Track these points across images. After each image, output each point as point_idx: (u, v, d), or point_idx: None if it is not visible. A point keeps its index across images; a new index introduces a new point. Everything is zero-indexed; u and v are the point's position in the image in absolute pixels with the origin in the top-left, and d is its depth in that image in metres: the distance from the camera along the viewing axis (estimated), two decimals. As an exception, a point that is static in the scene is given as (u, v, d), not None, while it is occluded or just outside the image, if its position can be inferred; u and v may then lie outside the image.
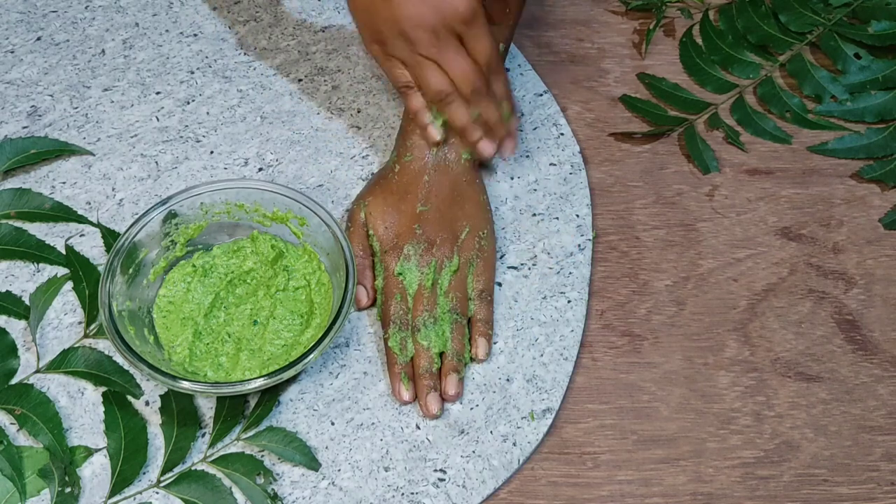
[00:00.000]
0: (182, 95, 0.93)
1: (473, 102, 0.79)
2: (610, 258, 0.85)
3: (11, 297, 0.80)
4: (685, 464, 0.75)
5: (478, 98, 0.78)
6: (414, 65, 0.78)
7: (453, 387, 0.76)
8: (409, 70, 0.79)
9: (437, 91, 0.78)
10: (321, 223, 0.78)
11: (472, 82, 0.77)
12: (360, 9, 0.80)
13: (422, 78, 0.78)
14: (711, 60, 0.96)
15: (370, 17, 0.79)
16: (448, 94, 0.78)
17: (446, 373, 0.76)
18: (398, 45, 0.78)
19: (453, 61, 0.77)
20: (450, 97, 0.78)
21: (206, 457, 0.74)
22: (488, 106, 0.79)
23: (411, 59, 0.78)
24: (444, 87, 0.78)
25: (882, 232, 0.87)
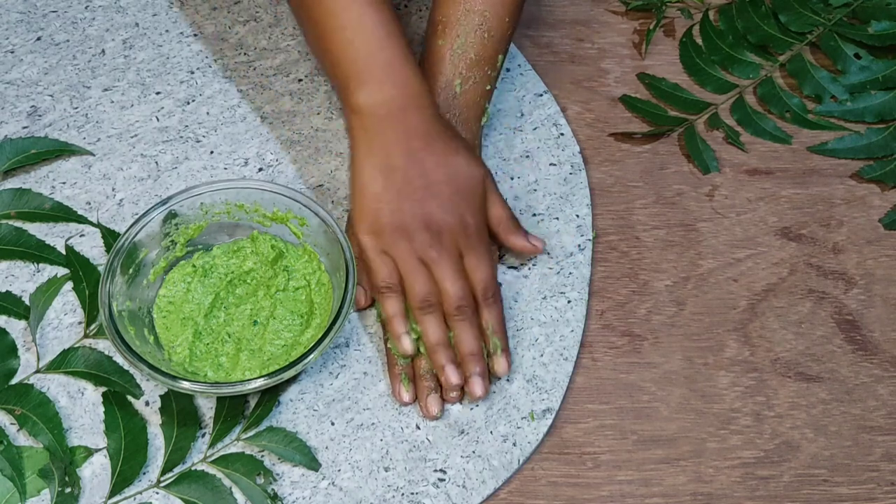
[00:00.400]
0: (182, 95, 0.93)
1: (453, 322, 0.75)
2: (610, 258, 0.85)
3: (11, 297, 0.80)
4: (685, 464, 0.75)
5: (460, 319, 0.75)
6: (406, 265, 0.76)
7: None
8: (401, 269, 0.76)
9: (422, 298, 0.75)
10: (321, 223, 0.78)
11: (460, 299, 0.75)
12: (366, 197, 0.77)
13: (410, 280, 0.75)
14: (711, 60, 0.96)
15: (374, 208, 0.76)
16: (431, 304, 0.75)
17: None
18: (397, 241, 0.76)
19: (448, 272, 0.75)
20: (431, 308, 0.75)
21: (206, 457, 0.74)
22: (466, 332, 0.75)
23: (405, 259, 0.76)
24: (429, 296, 0.75)
25: (882, 232, 0.87)
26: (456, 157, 0.78)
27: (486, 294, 0.76)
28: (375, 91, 0.77)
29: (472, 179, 0.78)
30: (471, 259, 0.76)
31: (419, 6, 0.99)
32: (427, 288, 0.75)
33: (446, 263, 0.75)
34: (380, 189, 0.76)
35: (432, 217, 0.76)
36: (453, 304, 0.75)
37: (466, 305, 0.75)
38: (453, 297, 0.75)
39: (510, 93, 0.93)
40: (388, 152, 0.77)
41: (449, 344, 0.76)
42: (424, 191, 0.76)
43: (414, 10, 0.99)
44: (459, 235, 0.76)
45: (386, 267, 0.76)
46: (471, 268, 0.76)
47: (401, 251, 0.76)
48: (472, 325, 0.76)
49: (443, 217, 0.76)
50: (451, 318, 0.76)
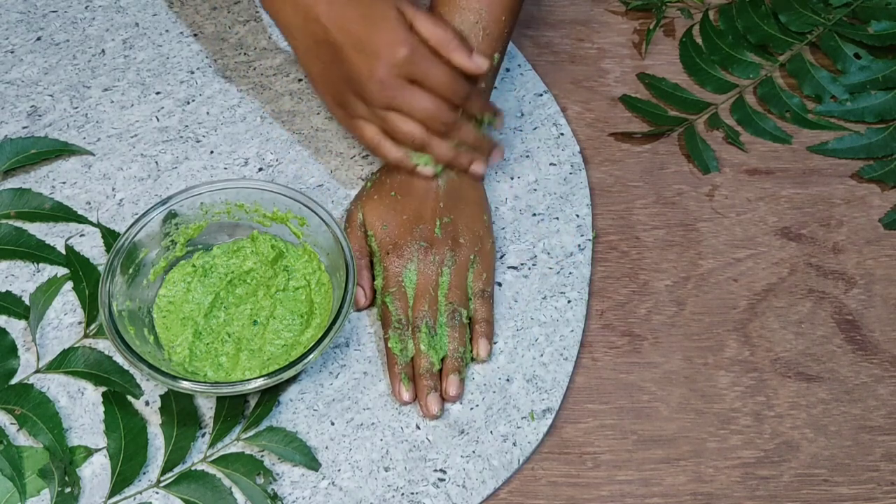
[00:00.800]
0: (182, 95, 0.93)
1: (450, 134, 0.79)
2: (610, 258, 0.85)
3: (11, 297, 0.80)
4: (685, 464, 0.75)
5: (451, 127, 0.79)
6: (377, 119, 0.79)
7: (455, 387, 0.76)
8: (378, 124, 0.79)
9: (409, 137, 0.79)
10: (321, 223, 0.78)
11: (439, 117, 0.78)
12: (317, 80, 0.81)
13: (390, 129, 0.79)
14: (711, 60, 0.96)
15: (327, 85, 0.80)
16: (422, 136, 0.78)
17: (447, 373, 0.76)
18: (356, 104, 0.79)
19: (413, 104, 0.77)
20: (424, 139, 0.79)
21: (206, 457, 0.74)
22: (465, 130, 0.80)
23: (372, 115, 0.79)
24: (414, 132, 0.78)
25: (882, 232, 0.87)
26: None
27: (454, 91, 0.78)
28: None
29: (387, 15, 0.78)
30: (421, 77, 0.77)
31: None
32: (406, 126, 0.79)
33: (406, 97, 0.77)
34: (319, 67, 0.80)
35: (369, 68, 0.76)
36: (440, 123, 0.78)
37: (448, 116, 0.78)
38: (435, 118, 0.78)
39: (510, 93, 0.93)
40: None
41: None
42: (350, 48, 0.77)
43: (414, 10, 0.99)
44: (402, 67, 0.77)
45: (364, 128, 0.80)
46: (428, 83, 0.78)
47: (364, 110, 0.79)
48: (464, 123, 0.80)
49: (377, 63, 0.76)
50: (446, 135, 0.80)
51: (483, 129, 0.83)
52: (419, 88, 0.78)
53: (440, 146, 0.80)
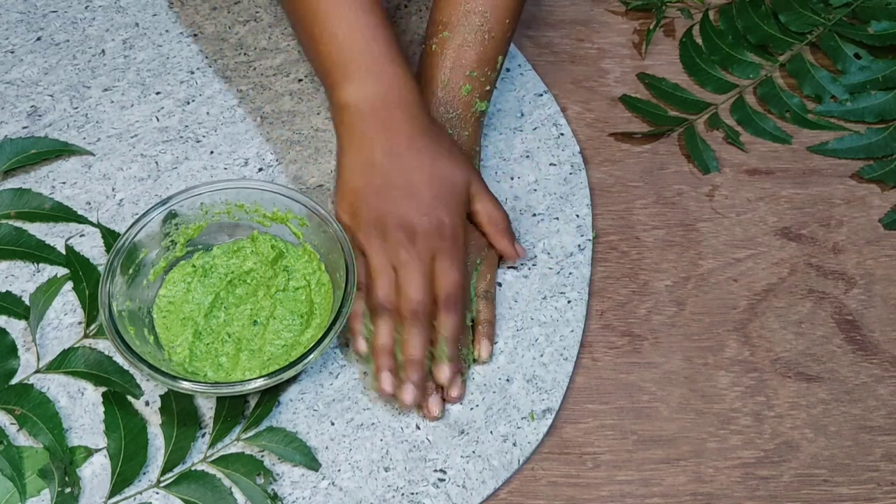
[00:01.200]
0: (182, 95, 0.93)
1: (404, 327, 0.74)
2: (610, 258, 0.85)
3: (11, 297, 0.80)
4: (685, 464, 0.75)
5: (411, 326, 0.74)
6: (376, 264, 0.76)
7: (456, 389, 0.76)
8: (369, 266, 0.76)
9: (381, 301, 0.75)
10: (321, 223, 0.78)
11: (417, 304, 0.74)
12: (348, 192, 0.77)
13: (376, 279, 0.76)
14: (711, 60, 0.96)
15: (353, 202, 0.77)
16: (386, 309, 0.75)
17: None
18: (371, 237, 0.76)
19: (412, 279, 0.75)
20: (386, 312, 0.75)
21: (206, 457, 0.74)
22: (415, 338, 0.74)
23: (377, 257, 0.76)
24: (387, 300, 0.75)
25: (882, 232, 0.87)
26: (439, 159, 0.77)
27: (447, 300, 0.75)
28: (360, 87, 0.78)
29: (454, 183, 0.78)
30: (441, 263, 0.76)
31: (419, 6, 0.99)
32: (386, 291, 0.75)
33: (414, 267, 0.75)
34: (360, 186, 0.77)
35: (408, 218, 0.76)
36: (408, 308, 0.75)
37: (421, 313, 0.75)
38: (410, 301, 0.74)
39: (510, 93, 0.93)
40: (370, 149, 0.77)
41: (393, 351, 0.75)
42: (403, 191, 0.76)
43: (414, 11, 0.99)
44: (433, 238, 0.76)
45: (358, 264, 0.77)
46: (439, 272, 0.76)
47: (372, 249, 0.76)
48: (423, 332, 0.75)
49: (419, 219, 0.76)
50: (404, 320, 0.75)
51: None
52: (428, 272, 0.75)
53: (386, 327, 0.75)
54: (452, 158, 0.78)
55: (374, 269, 0.76)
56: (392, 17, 0.98)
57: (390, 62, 0.78)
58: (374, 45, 0.78)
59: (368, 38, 0.78)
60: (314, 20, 0.79)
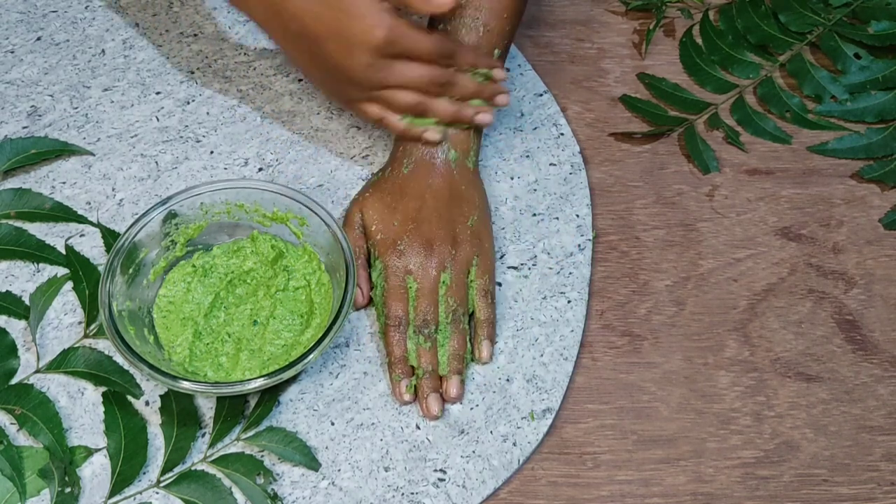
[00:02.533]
0: (182, 95, 0.93)
1: (446, 91, 0.80)
2: (610, 258, 0.85)
3: (11, 297, 0.80)
4: (685, 464, 0.75)
5: (446, 85, 0.80)
6: (376, 99, 0.80)
7: (456, 388, 0.76)
8: (377, 104, 0.80)
9: (409, 106, 0.80)
10: (321, 223, 0.78)
11: (431, 78, 0.79)
12: (308, 70, 0.82)
13: (390, 105, 0.80)
14: (711, 60, 0.96)
15: (317, 75, 0.81)
16: (419, 102, 0.79)
17: (449, 374, 0.76)
18: (353, 91, 0.80)
19: (403, 76, 0.78)
20: (422, 104, 0.80)
21: (206, 457, 0.74)
22: (461, 84, 0.80)
23: (370, 97, 0.80)
24: (411, 100, 0.79)
25: (882, 232, 0.87)
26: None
27: (440, 53, 0.79)
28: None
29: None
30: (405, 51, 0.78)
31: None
32: (403, 97, 0.79)
33: (395, 72, 0.78)
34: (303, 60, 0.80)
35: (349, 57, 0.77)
36: (432, 86, 0.79)
37: (440, 74, 0.79)
38: (426, 78, 0.79)
39: (510, 93, 0.93)
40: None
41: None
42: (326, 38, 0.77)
43: (414, 10, 0.99)
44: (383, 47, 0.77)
45: (366, 108, 0.81)
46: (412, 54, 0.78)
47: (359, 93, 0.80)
48: (456, 77, 0.80)
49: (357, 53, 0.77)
50: (444, 90, 0.80)
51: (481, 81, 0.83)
52: (405, 61, 0.78)
53: (440, 105, 0.81)
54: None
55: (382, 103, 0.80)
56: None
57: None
58: None
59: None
60: None
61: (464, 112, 0.82)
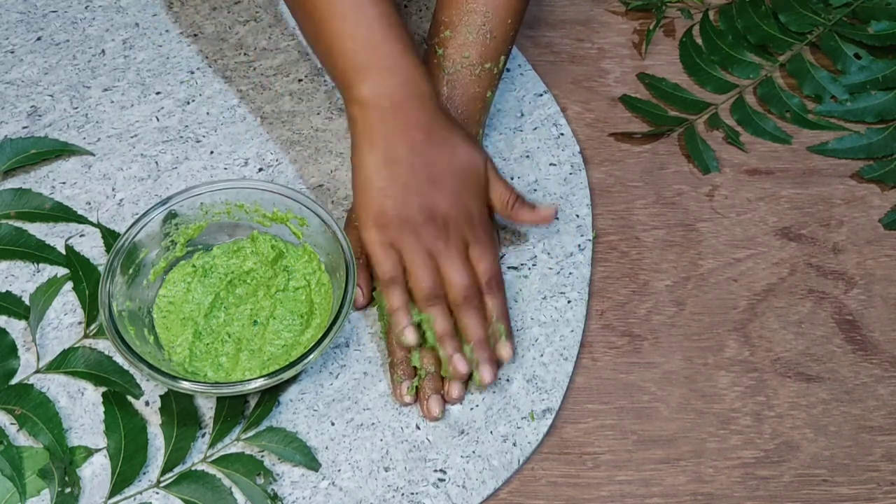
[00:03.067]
0: (182, 95, 0.93)
1: (459, 311, 0.76)
2: (610, 258, 0.85)
3: (11, 297, 0.80)
4: (685, 464, 0.75)
5: (466, 308, 0.76)
6: (413, 258, 0.76)
7: (457, 389, 0.76)
8: (407, 262, 0.76)
9: (428, 290, 0.75)
10: (321, 223, 0.78)
11: (466, 289, 0.75)
12: (370, 191, 0.76)
13: (417, 272, 0.75)
14: (711, 60, 0.96)
15: (378, 201, 0.76)
16: (437, 296, 0.76)
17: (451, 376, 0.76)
18: (403, 234, 0.76)
19: (453, 265, 0.76)
20: (437, 300, 0.76)
21: (206, 457, 0.74)
22: (473, 320, 0.76)
23: (412, 252, 0.76)
24: (435, 289, 0.75)
25: (882, 232, 0.87)
26: (458, 148, 0.78)
27: (490, 283, 0.77)
28: (378, 83, 0.77)
29: (475, 169, 0.78)
30: (475, 249, 0.77)
31: (419, 6, 0.99)
32: (433, 280, 0.76)
33: (453, 255, 0.76)
34: (385, 183, 0.76)
35: (437, 209, 0.76)
36: (460, 294, 0.76)
37: (472, 296, 0.76)
38: (460, 287, 0.75)
39: (510, 93, 0.93)
40: (391, 145, 0.77)
41: (456, 334, 0.76)
42: (429, 183, 0.76)
43: (414, 11, 0.99)
44: (465, 226, 0.77)
45: (390, 260, 0.76)
46: (475, 257, 0.77)
47: (407, 244, 0.76)
48: (478, 313, 0.76)
49: (448, 209, 0.76)
50: (457, 308, 0.76)
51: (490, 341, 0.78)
52: (465, 256, 0.76)
53: (443, 314, 0.76)
54: (470, 148, 0.79)
55: (412, 263, 0.76)
56: (392, 17, 0.98)
57: (405, 55, 0.78)
58: (389, 37, 0.78)
59: (384, 29, 0.77)
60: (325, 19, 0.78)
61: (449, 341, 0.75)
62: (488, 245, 0.77)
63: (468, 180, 0.78)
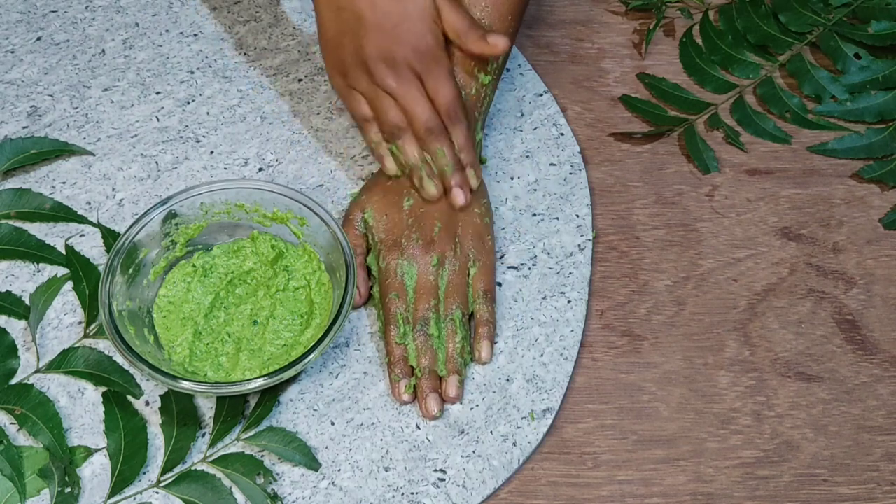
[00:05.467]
0: (182, 95, 0.93)
1: (425, 143, 0.80)
2: (610, 258, 0.85)
3: (11, 297, 0.80)
4: (685, 464, 0.75)
5: (430, 139, 0.79)
6: (373, 97, 0.79)
7: (454, 388, 0.76)
8: (369, 102, 0.80)
9: (392, 124, 0.79)
10: (321, 223, 0.78)
11: (426, 121, 0.79)
12: (328, 42, 0.81)
13: (379, 110, 0.80)
14: (711, 60, 0.96)
15: (336, 50, 0.80)
16: (401, 128, 0.79)
17: (448, 374, 0.76)
18: (359, 76, 0.79)
19: (410, 98, 0.78)
20: (402, 132, 0.80)
21: (206, 457, 0.74)
22: (439, 149, 0.80)
23: (371, 91, 0.79)
24: (398, 122, 0.79)
25: (882, 232, 0.87)
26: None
27: (449, 113, 0.79)
28: None
29: (419, 4, 0.79)
30: (430, 82, 0.79)
31: None
32: (394, 113, 0.79)
33: (406, 89, 0.78)
34: (334, 32, 0.80)
35: (386, 49, 0.78)
36: (422, 125, 0.79)
37: (434, 126, 0.79)
38: (421, 118, 0.79)
39: (510, 93, 0.93)
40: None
41: (426, 161, 0.80)
42: (375, 25, 0.78)
43: (414, 10, 0.99)
44: (414, 61, 0.78)
45: (358, 101, 0.81)
46: (432, 90, 0.79)
47: (364, 85, 0.80)
48: (444, 142, 0.80)
49: (395, 47, 0.78)
50: (422, 140, 0.79)
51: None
52: (421, 88, 0.78)
53: (410, 145, 0.80)
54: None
55: (372, 101, 0.80)
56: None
57: None
58: None
59: None
60: None
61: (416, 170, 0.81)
62: (442, 76, 0.79)
63: (413, 15, 0.78)
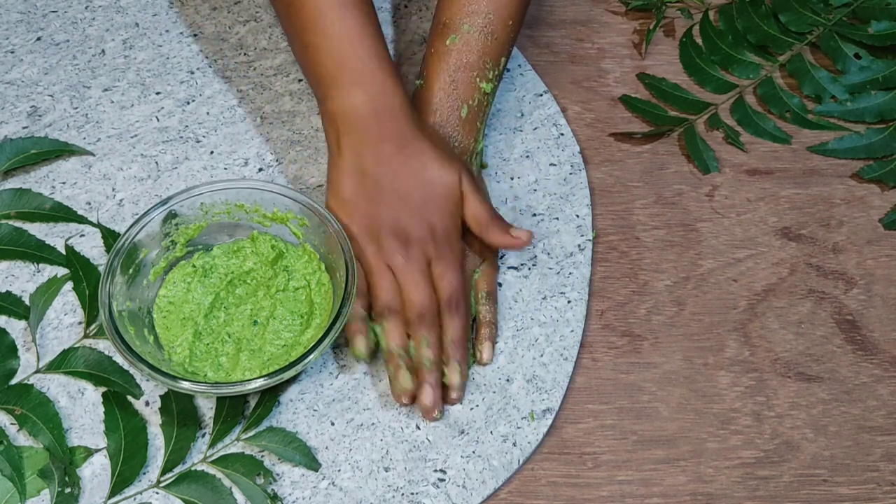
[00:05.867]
0: (182, 95, 0.93)
1: (413, 328, 0.75)
2: (610, 258, 0.85)
3: (11, 297, 0.80)
4: (685, 464, 0.75)
5: (420, 326, 0.75)
6: (374, 271, 0.77)
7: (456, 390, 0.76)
8: (366, 273, 0.77)
9: (385, 303, 0.76)
10: (321, 223, 0.78)
11: (421, 307, 0.75)
12: (342, 202, 0.78)
13: (376, 286, 0.76)
14: (711, 60, 0.96)
15: (349, 214, 0.77)
16: (392, 310, 0.75)
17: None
18: (366, 246, 0.77)
19: (413, 280, 0.75)
20: (392, 315, 0.75)
21: (206, 457, 0.74)
22: (425, 338, 0.75)
23: (374, 265, 0.77)
24: (392, 303, 0.75)
25: (882, 232, 0.87)
26: (429, 164, 0.78)
27: (450, 302, 0.76)
28: (347, 96, 0.78)
29: (445, 186, 0.78)
30: (438, 266, 0.77)
31: (419, 6, 0.99)
32: (390, 295, 0.76)
33: (411, 270, 0.76)
34: (350, 195, 0.77)
35: (400, 223, 0.76)
36: (414, 312, 0.75)
37: (427, 315, 0.75)
38: (415, 304, 0.75)
39: (510, 93, 0.93)
40: (359, 157, 0.78)
41: (407, 351, 0.76)
42: (394, 197, 0.77)
43: (414, 11, 0.99)
44: (427, 243, 0.77)
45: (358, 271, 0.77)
46: (437, 275, 0.77)
47: (368, 256, 0.77)
48: (433, 333, 0.76)
49: (411, 224, 0.76)
50: (411, 325, 0.76)
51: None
52: (427, 272, 0.76)
53: (396, 329, 0.75)
54: (442, 162, 0.78)
55: (372, 275, 0.77)
56: (392, 17, 0.98)
57: (377, 70, 0.78)
58: (360, 53, 0.78)
59: (356, 47, 0.78)
60: (303, 30, 0.80)
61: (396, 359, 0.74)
62: (451, 263, 0.77)
63: (435, 195, 0.77)
